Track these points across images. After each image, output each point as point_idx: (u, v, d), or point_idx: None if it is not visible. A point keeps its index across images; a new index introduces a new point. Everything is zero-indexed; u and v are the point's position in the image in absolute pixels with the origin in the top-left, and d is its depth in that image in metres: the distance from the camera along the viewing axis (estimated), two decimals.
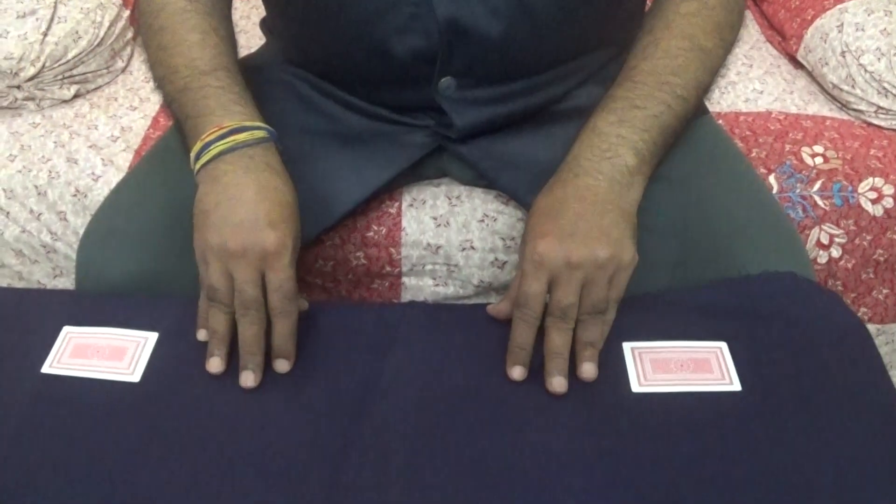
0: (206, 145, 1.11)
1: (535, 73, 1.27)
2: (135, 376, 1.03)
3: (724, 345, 1.05)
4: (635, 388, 1.01)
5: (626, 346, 1.06)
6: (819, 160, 1.58)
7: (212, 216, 1.07)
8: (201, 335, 1.07)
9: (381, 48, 1.19)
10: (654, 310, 1.12)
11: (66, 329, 1.08)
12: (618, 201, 1.09)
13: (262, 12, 1.39)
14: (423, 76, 1.22)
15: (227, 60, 1.23)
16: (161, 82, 1.24)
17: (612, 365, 1.04)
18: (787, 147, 1.61)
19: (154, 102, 1.74)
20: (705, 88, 1.22)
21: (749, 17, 2.06)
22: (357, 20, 1.18)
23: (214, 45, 1.23)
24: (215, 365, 1.03)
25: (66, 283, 1.62)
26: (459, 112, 1.25)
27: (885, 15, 1.72)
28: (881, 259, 1.55)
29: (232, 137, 1.11)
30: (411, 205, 1.46)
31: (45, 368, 1.03)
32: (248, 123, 1.13)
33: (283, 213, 1.08)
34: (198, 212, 1.09)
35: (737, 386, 1.00)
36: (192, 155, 1.13)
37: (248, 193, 1.07)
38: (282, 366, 1.05)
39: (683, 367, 1.03)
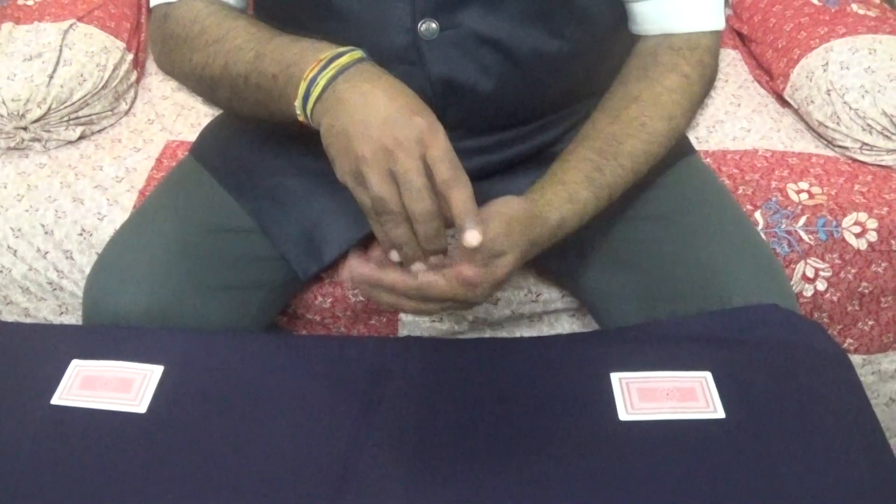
0: (312, 81, 1.06)
1: (526, 123, 1.30)
2: (141, 407, 1.05)
3: (708, 374, 1.07)
4: (622, 416, 1.03)
5: (614, 377, 1.08)
6: (804, 196, 1.60)
7: (352, 131, 1.01)
8: (394, 256, 1.04)
9: None
10: (640, 341, 1.14)
11: (75, 362, 1.10)
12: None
13: None
14: None
15: (279, 30, 1.19)
16: (223, 70, 1.19)
17: (600, 394, 1.06)
18: (774, 184, 1.63)
19: (157, 143, 1.76)
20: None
21: (737, 57, 2.09)
22: None
23: (260, 22, 1.21)
24: (420, 267, 1.03)
25: (73, 319, 1.63)
26: None
27: (870, 53, 1.75)
28: (866, 291, 1.58)
29: (334, 63, 1.06)
30: None
31: (55, 400, 1.06)
32: (341, 49, 1.08)
33: (418, 101, 1.04)
34: (335, 137, 1.03)
35: (721, 414, 1.03)
36: (299, 99, 1.07)
37: (380, 96, 1.02)
38: (473, 237, 0.99)
39: (669, 395, 1.05)
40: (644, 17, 1.28)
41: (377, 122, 1.00)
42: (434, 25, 1.17)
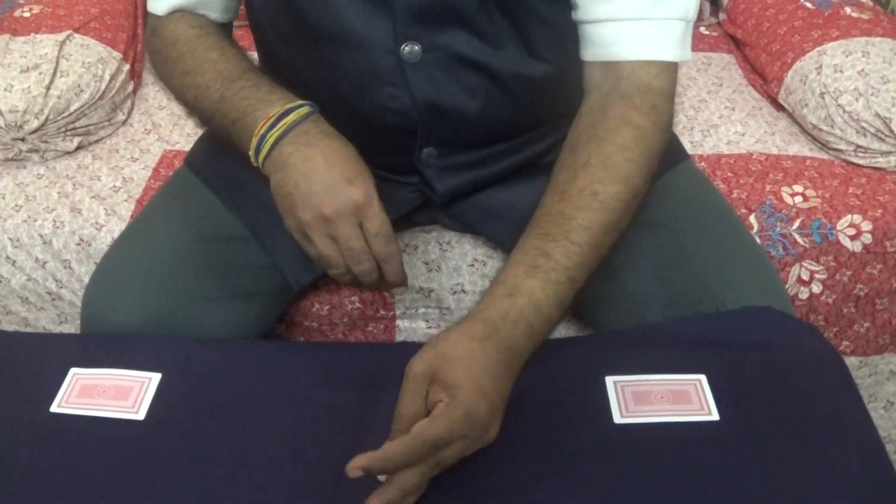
0: (262, 138, 1.16)
1: (515, 137, 1.30)
2: (139, 415, 1.05)
3: (703, 377, 1.08)
4: (617, 419, 1.03)
5: (609, 380, 1.08)
6: (799, 199, 1.61)
7: (296, 196, 1.13)
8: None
9: (363, 121, 1.24)
10: (634, 344, 1.15)
11: (73, 371, 1.11)
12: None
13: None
14: (406, 146, 1.27)
15: (249, 64, 1.28)
16: (195, 103, 1.28)
17: (594, 397, 1.06)
18: (768, 187, 1.64)
19: (154, 154, 1.77)
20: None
21: (731, 61, 2.10)
22: (338, 95, 1.23)
23: (234, 56, 1.28)
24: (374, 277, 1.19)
25: (72, 329, 1.64)
26: (441, 179, 1.30)
27: (863, 56, 1.75)
28: (861, 294, 1.58)
29: (281, 122, 1.16)
30: (403, 250, 1.49)
31: (54, 408, 1.06)
32: (290, 105, 1.18)
33: (354, 167, 1.15)
34: (280, 197, 1.16)
35: (715, 416, 1.03)
36: (252, 151, 1.18)
37: (318, 163, 1.13)
38: (399, 291, 1.40)
39: (664, 398, 1.05)
40: (589, 41, 1.20)
41: (317, 190, 1.13)
42: (417, 48, 1.17)
